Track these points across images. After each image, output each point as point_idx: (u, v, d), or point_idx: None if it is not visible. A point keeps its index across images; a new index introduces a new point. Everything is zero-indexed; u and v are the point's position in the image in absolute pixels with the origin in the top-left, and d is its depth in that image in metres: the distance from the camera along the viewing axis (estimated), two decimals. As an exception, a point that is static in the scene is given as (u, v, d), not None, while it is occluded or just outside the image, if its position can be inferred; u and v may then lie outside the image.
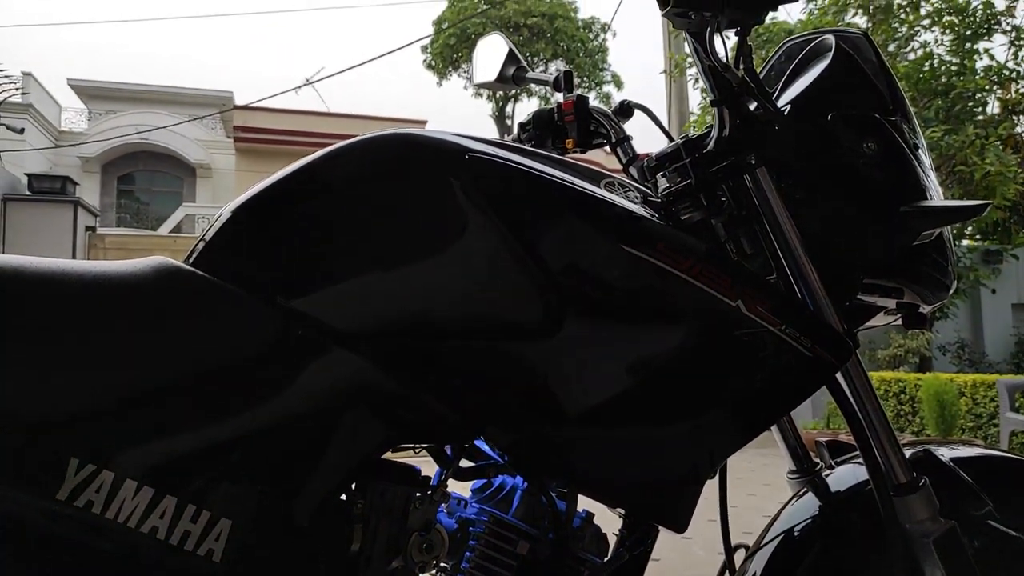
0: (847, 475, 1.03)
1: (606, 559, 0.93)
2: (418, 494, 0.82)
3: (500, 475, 0.95)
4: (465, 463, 0.93)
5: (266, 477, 0.72)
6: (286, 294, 0.76)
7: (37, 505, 0.65)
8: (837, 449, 1.10)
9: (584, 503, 0.91)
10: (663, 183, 0.94)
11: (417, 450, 0.88)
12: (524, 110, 20.30)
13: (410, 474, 0.83)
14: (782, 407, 0.89)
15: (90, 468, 0.66)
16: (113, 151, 18.67)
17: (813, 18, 7.71)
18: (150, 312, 0.73)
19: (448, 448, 0.90)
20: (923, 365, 8.24)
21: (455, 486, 0.91)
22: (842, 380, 0.91)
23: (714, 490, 0.95)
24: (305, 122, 16.12)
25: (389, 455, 0.82)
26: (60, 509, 0.65)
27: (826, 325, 0.86)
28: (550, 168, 0.83)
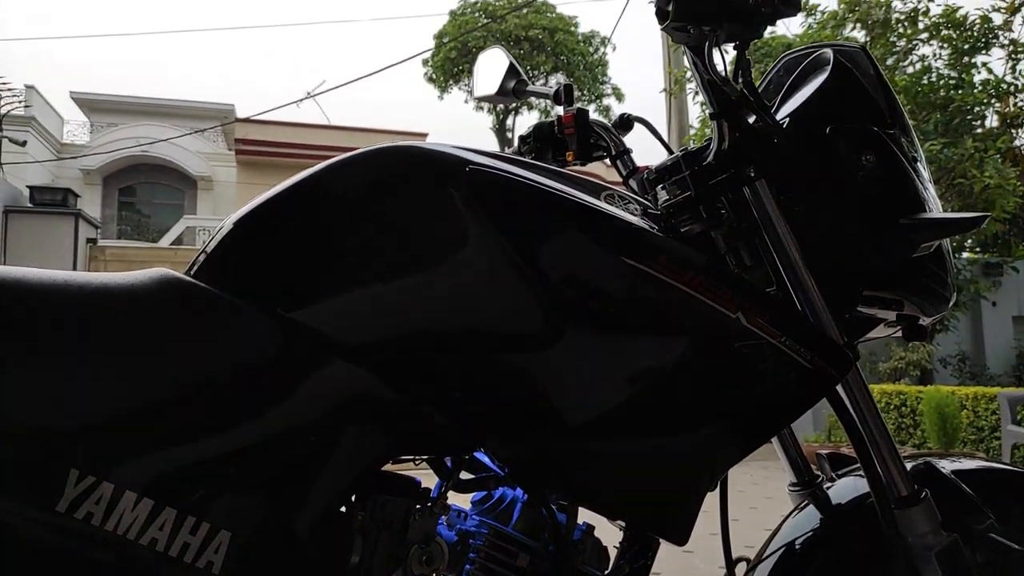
0: (848, 488, 1.03)
1: (607, 572, 0.92)
2: (418, 506, 0.81)
3: (500, 487, 0.95)
4: (465, 475, 0.93)
5: (266, 489, 0.72)
6: (287, 306, 0.76)
7: (36, 517, 0.65)
8: (838, 461, 1.10)
9: (584, 515, 0.90)
10: (663, 195, 0.94)
11: (417, 462, 0.88)
12: (524, 123, 20.40)
13: (410, 486, 0.83)
14: (783, 419, 0.89)
15: (90, 480, 0.65)
16: (115, 163, 18.73)
17: (812, 32, 7.75)
18: (151, 324, 0.73)
19: (448, 460, 0.89)
20: (924, 378, 8.22)
21: (455, 498, 0.90)
22: (842, 392, 0.91)
23: (715, 503, 0.95)
24: (306, 135, 16.18)
25: (389, 467, 0.82)
26: (59, 521, 0.65)
27: (826, 337, 0.86)
28: (551, 180, 0.83)
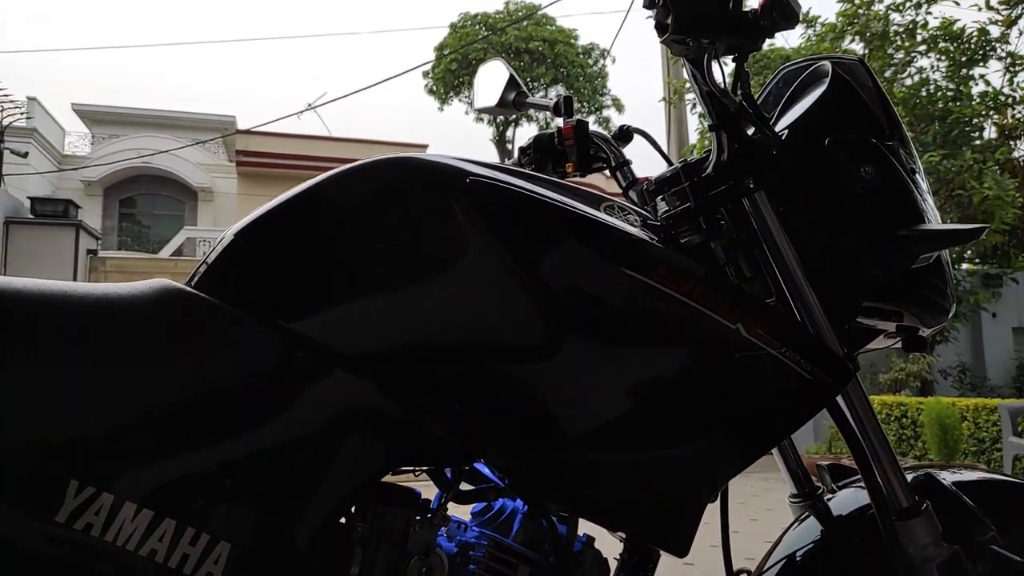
0: (849, 499, 1.03)
1: (607, 584, 0.92)
2: (418, 517, 0.81)
3: (500, 498, 0.95)
4: (465, 486, 0.93)
5: (266, 500, 0.72)
6: (287, 316, 0.76)
7: (36, 527, 0.65)
8: (838, 473, 1.10)
9: (585, 527, 0.90)
10: (662, 207, 0.95)
11: (417, 473, 0.88)
12: (524, 135, 20.44)
13: (410, 497, 0.83)
14: (782, 430, 0.89)
15: (90, 491, 0.65)
16: (116, 175, 18.77)
17: (810, 44, 7.80)
18: (152, 334, 0.73)
19: (448, 471, 0.89)
20: (924, 389, 8.20)
21: (455, 509, 0.90)
22: (843, 403, 0.91)
23: (715, 515, 0.95)
24: (307, 146, 16.23)
25: (389, 478, 0.81)
26: (59, 532, 0.65)
27: (826, 348, 0.86)
28: (551, 192, 0.83)
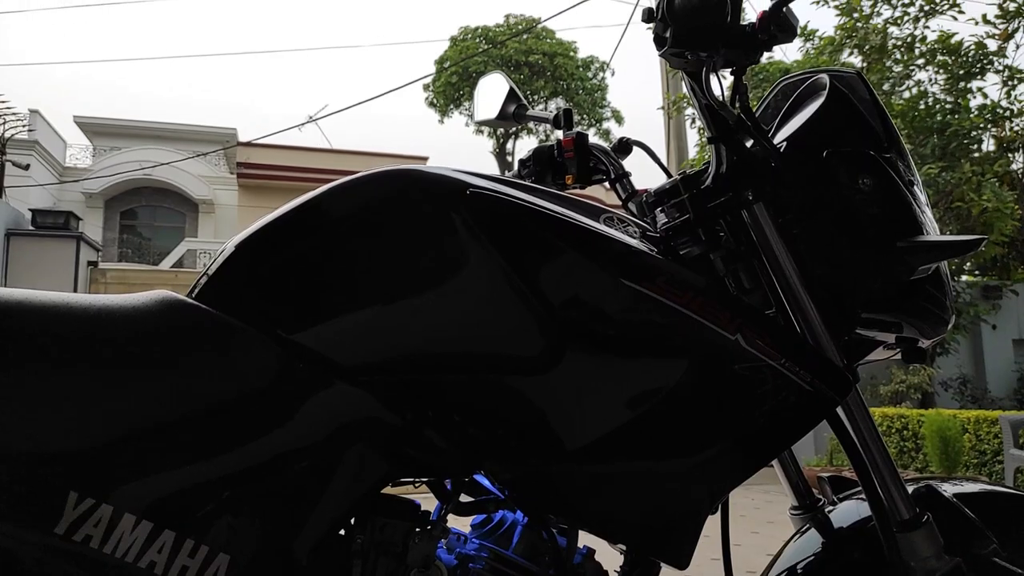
0: (850, 511, 1.02)
1: (607, 596, 0.91)
2: (417, 529, 0.81)
3: (500, 510, 0.94)
4: (465, 498, 0.93)
5: (266, 512, 0.71)
6: (288, 328, 0.76)
7: (35, 539, 0.65)
8: (839, 485, 1.09)
9: (585, 539, 0.90)
10: (662, 218, 0.95)
11: (417, 484, 0.88)
12: (524, 147, 20.51)
13: (410, 509, 0.83)
14: (783, 441, 0.89)
15: (89, 502, 0.65)
16: (117, 186, 18.82)
17: (809, 57, 7.84)
18: (152, 345, 0.73)
19: (448, 482, 0.89)
20: (925, 401, 8.18)
21: (455, 521, 0.90)
22: (843, 415, 0.91)
23: (716, 528, 0.95)
24: (308, 158, 16.29)
25: (388, 489, 0.81)
26: (58, 544, 0.64)
27: (826, 359, 0.86)
28: (550, 203, 0.84)
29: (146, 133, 20.62)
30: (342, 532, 0.78)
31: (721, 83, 0.92)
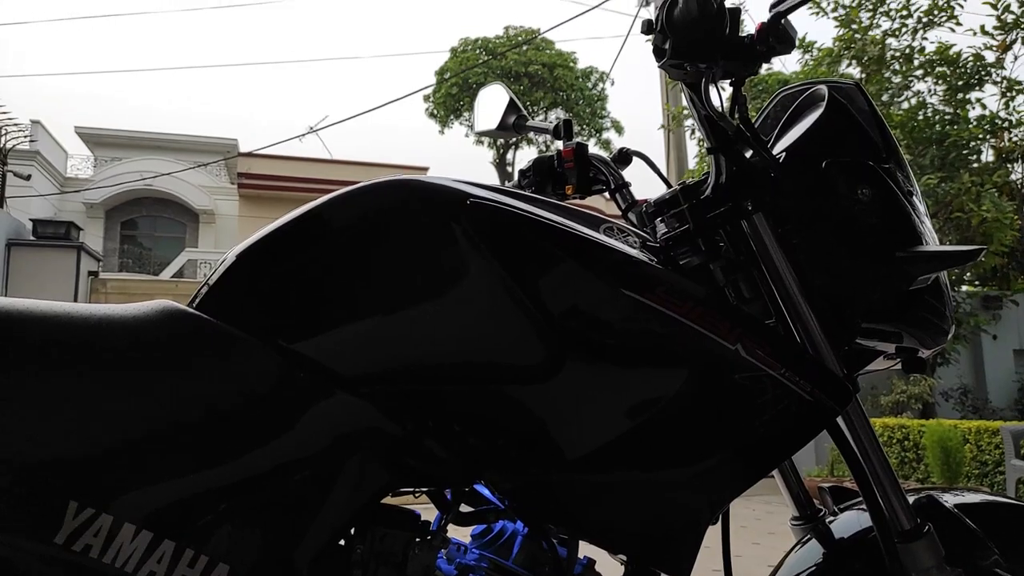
0: (851, 521, 1.02)
1: (608, 608, 0.91)
2: (418, 539, 0.81)
3: (500, 520, 0.94)
4: (465, 508, 0.93)
5: (266, 522, 0.71)
6: (289, 338, 0.76)
7: (35, 549, 0.64)
8: (840, 495, 1.09)
9: (585, 549, 0.90)
10: (662, 228, 0.95)
11: (417, 495, 0.87)
12: (524, 157, 20.58)
13: (410, 519, 0.82)
14: (783, 451, 0.89)
15: (89, 512, 0.65)
16: (117, 197, 18.87)
17: (808, 69, 7.87)
18: (153, 355, 0.74)
19: (448, 492, 0.89)
20: (926, 411, 8.16)
21: (455, 531, 0.90)
22: (843, 425, 0.91)
23: (717, 538, 0.94)
24: (308, 169, 16.33)
25: (388, 499, 0.81)
26: (57, 553, 0.64)
27: (826, 369, 0.86)
28: (550, 214, 0.84)
29: (147, 144, 20.69)
30: (342, 542, 0.78)
31: (720, 94, 0.93)
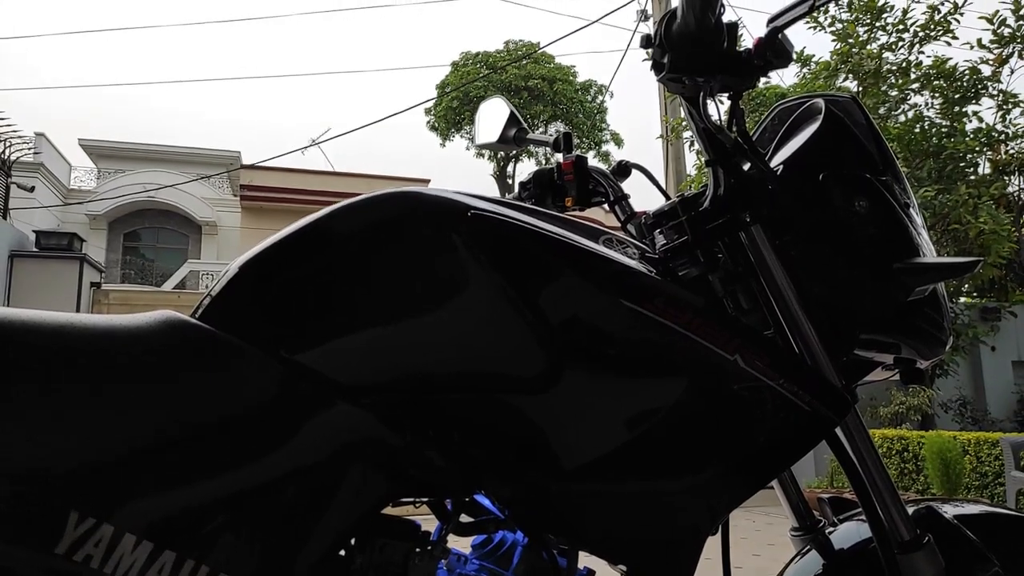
0: (850, 532, 1.02)
1: (608, 618, 0.91)
2: (417, 550, 0.81)
3: (500, 531, 0.94)
4: (466, 518, 0.93)
5: (266, 532, 0.71)
6: (291, 348, 0.77)
7: (36, 559, 0.64)
8: (840, 506, 1.09)
9: (585, 559, 0.90)
10: (660, 240, 0.96)
11: (417, 505, 0.88)
12: (524, 170, 20.63)
13: (410, 529, 0.83)
14: (781, 462, 0.89)
15: (90, 522, 0.65)
16: (120, 208, 18.93)
17: (805, 82, 7.91)
18: (156, 365, 0.74)
19: (448, 502, 0.89)
20: (925, 422, 8.15)
21: (455, 542, 0.90)
22: (842, 436, 0.91)
23: (717, 549, 0.94)
24: (310, 181, 16.36)
25: (388, 509, 0.81)
26: (58, 564, 0.64)
27: (824, 380, 0.87)
28: (550, 225, 0.85)
29: (150, 156, 20.77)
30: (343, 552, 0.78)
31: (719, 107, 0.94)
